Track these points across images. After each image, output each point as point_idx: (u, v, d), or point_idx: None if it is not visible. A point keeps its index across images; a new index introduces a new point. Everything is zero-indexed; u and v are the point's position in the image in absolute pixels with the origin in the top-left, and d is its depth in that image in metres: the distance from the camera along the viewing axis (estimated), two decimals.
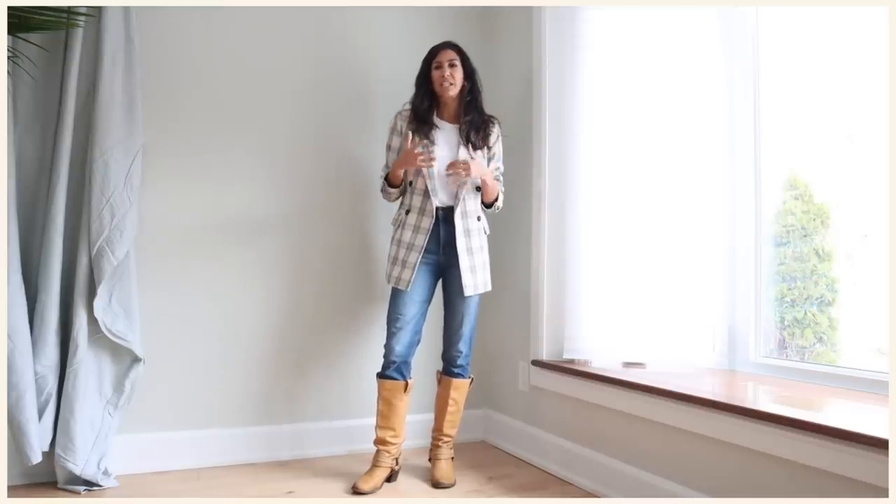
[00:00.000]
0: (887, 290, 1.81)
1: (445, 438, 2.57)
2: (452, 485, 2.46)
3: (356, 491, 2.35)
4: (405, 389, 2.48)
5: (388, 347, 2.48)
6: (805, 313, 2.22)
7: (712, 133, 2.36)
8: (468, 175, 2.38)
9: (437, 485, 2.45)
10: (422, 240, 2.43)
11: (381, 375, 2.50)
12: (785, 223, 2.28)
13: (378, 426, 2.49)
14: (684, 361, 2.36)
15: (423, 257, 2.44)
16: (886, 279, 1.84)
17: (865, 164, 2.04)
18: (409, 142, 2.40)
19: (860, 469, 1.53)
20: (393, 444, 2.48)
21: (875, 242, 2.03)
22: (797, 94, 2.24)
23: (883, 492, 1.47)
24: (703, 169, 2.36)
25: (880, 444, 1.47)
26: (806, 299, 2.22)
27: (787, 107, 2.26)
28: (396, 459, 2.52)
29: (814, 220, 2.22)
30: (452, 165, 2.38)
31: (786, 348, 2.28)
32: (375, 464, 2.46)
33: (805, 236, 2.23)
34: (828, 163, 2.18)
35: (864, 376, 1.96)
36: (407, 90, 2.59)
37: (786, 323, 2.27)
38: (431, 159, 2.38)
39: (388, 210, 2.85)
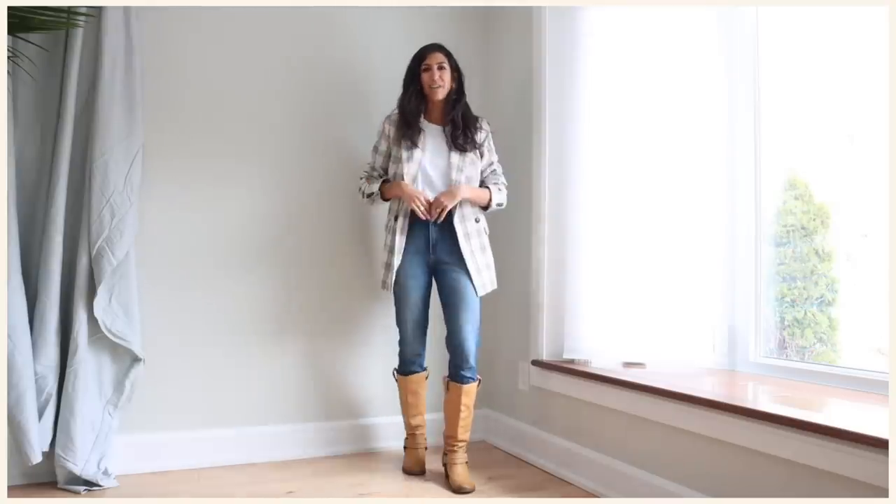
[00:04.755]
0: (887, 290, 1.81)
1: (460, 443, 2.54)
2: (473, 489, 2.43)
3: (410, 473, 2.59)
4: (426, 377, 2.65)
5: (405, 349, 2.61)
6: (805, 313, 2.22)
7: (712, 133, 2.36)
8: (448, 205, 2.44)
9: (458, 490, 2.41)
10: (401, 241, 2.49)
11: (405, 373, 2.62)
12: (785, 223, 2.28)
13: (409, 416, 2.64)
14: (684, 361, 2.35)
15: (414, 257, 2.49)
16: (886, 279, 1.84)
17: (865, 164, 2.04)
18: (421, 200, 2.44)
19: (860, 469, 1.53)
20: (423, 424, 2.65)
21: (875, 242, 2.03)
22: (797, 94, 2.24)
23: (883, 492, 1.47)
24: (703, 169, 2.36)
25: (880, 444, 1.47)
26: (806, 299, 2.22)
27: (787, 107, 2.26)
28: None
29: (814, 220, 2.22)
30: (435, 206, 2.43)
31: (786, 348, 2.28)
32: (413, 446, 2.64)
33: (805, 236, 2.23)
34: (828, 163, 2.18)
35: (864, 376, 1.96)
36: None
37: (786, 323, 2.27)
38: (429, 213, 2.45)
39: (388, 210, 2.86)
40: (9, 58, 2.05)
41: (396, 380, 2.66)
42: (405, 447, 2.68)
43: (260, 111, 2.79)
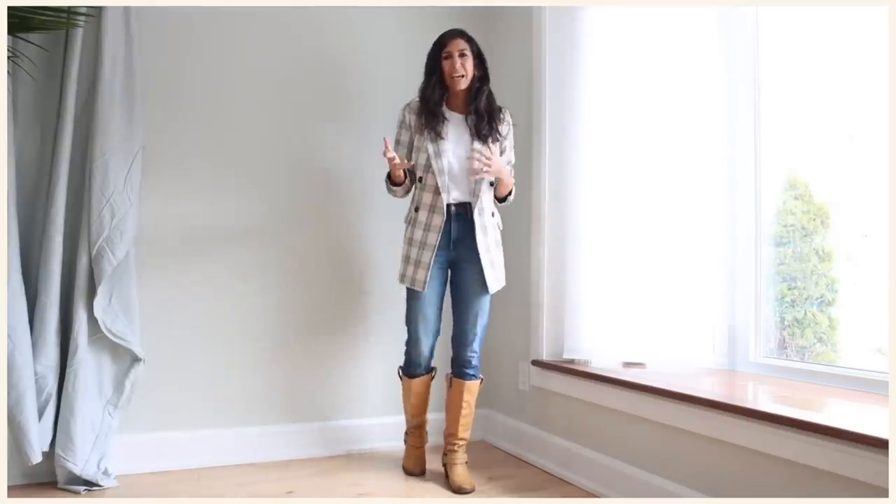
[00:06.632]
0: (887, 290, 1.81)
1: (460, 442, 2.53)
2: (473, 489, 2.42)
3: (410, 474, 2.57)
4: (432, 378, 2.61)
5: (415, 351, 2.52)
6: (805, 313, 2.22)
7: (712, 133, 2.36)
8: (489, 169, 2.29)
9: (458, 490, 2.41)
10: (434, 238, 2.39)
11: (411, 375, 2.56)
12: (785, 223, 2.28)
13: (411, 415, 2.60)
14: (684, 361, 2.36)
15: (435, 255, 2.41)
16: (886, 279, 1.84)
17: (865, 164, 2.04)
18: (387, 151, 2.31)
19: (860, 469, 1.53)
20: (425, 423, 2.63)
21: (875, 242, 2.03)
22: (797, 94, 2.24)
23: (883, 492, 1.47)
24: (703, 169, 2.36)
25: (880, 444, 1.47)
26: (806, 299, 2.22)
27: (787, 107, 2.26)
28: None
29: (814, 220, 2.22)
30: (475, 153, 2.32)
31: (786, 348, 2.28)
32: (416, 445, 2.62)
33: (805, 236, 2.23)
34: (828, 163, 2.18)
35: (864, 376, 1.96)
36: (407, 92, 2.59)
37: (786, 323, 2.27)
38: (393, 160, 2.31)
39: (385, 209, 2.86)
40: (9, 58, 2.05)
41: (401, 378, 2.62)
42: (406, 444, 2.66)
43: (261, 112, 2.79)
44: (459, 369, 2.53)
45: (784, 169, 2.28)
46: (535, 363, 2.77)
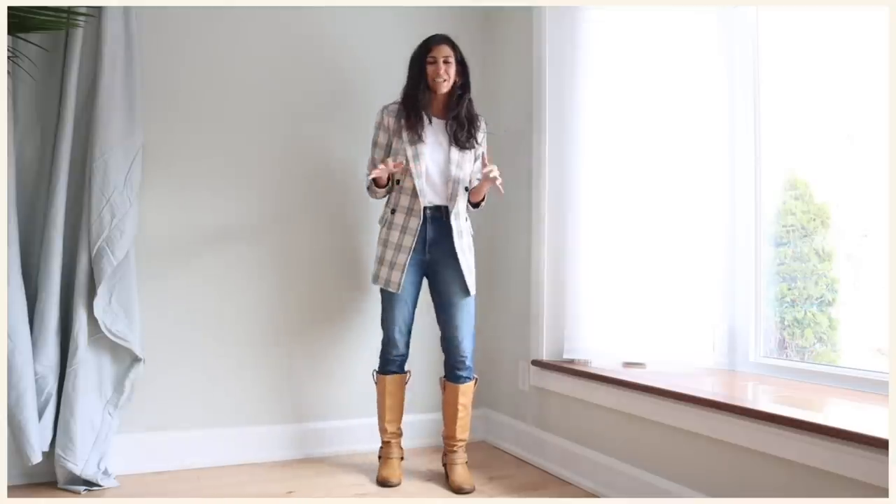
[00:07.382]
0: (887, 290, 1.81)
1: (459, 443, 2.54)
2: (473, 489, 2.42)
3: (387, 484, 2.45)
4: (406, 381, 2.59)
5: (389, 350, 2.53)
6: (805, 313, 2.22)
7: (712, 133, 2.36)
8: (498, 179, 2.37)
9: (458, 490, 2.41)
10: (410, 241, 2.42)
11: (385, 372, 2.56)
12: (785, 223, 2.28)
13: (386, 421, 2.56)
14: (684, 361, 2.36)
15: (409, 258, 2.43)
16: (886, 279, 1.84)
17: (865, 164, 2.05)
18: (390, 165, 2.35)
19: (860, 469, 1.53)
20: (399, 432, 2.58)
21: (875, 242, 2.03)
22: (797, 94, 2.24)
23: (883, 492, 1.47)
24: (704, 169, 2.36)
25: (880, 444, 1.47)
26: (806, 299, 2.22)
27: (787, 107, 2.26)
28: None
29: (814, 220, 2.22)
30: (487, 177, 2.36)
31: (786, 348, 2.28)
32: (389, 456, 2.55)
33: (805, 236, 2.23)
34: (828, 163, 2.18)
35: (864, 376, 1.97)
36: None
37: (786, 323, 2.27)
38: (398, 165, 2.36)
39: (378, 208, 2.86)
40: (9, 58, 2.05)
41: (375, 381, 2.59)
42: (379, 457, 2.59)
43: (260, 111, 2.79)
44: (452, 373, 2.53)
45: (784, 169, 2.29)
46: (535, 363, 2.77)
